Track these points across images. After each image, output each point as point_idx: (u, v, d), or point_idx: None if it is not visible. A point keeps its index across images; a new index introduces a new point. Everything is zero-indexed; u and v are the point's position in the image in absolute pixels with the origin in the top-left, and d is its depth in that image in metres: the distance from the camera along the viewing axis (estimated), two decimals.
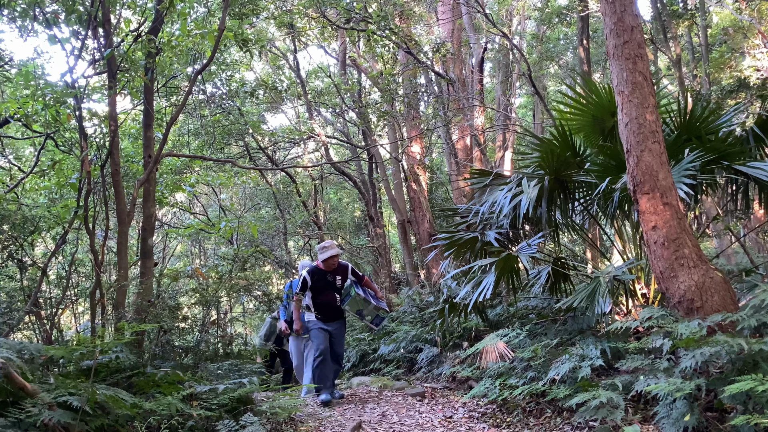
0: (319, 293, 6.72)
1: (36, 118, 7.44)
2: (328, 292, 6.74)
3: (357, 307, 6.74)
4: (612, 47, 5.22)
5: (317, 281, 6.70)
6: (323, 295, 6.73)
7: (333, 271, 6.76)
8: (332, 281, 6.75)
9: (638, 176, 4.94)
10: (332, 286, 6.76)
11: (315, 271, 6.74)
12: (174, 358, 6.86)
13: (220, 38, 6.94)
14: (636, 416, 4.37)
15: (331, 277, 6.75)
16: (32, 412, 3.61)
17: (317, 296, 6.73)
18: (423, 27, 16.60)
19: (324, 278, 6.72)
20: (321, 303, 6.74)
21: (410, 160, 14.32)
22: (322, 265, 6.70)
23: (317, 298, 6.73)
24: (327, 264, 6.66)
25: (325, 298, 6.73)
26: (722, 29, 16.19)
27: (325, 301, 6.73)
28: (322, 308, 6.74)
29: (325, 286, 6.72)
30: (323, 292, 6.72)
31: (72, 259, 7.61)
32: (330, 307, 6.75)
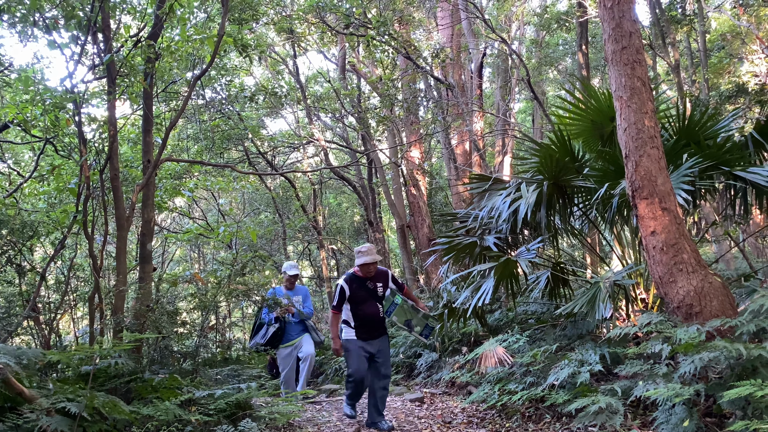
0: (360, 304, 5.69)
1: (35, 123, 7.44)
2: (370, 303, 5.71)
3: (405, 316, 5.71)
4: (610, 53, 5.24)
5: (356, 290, 5.69)
6: (365, 307, 5.69)
7: (372, 278, 5.77)
8: (373, 289, 5.75)
9: (637, 181, 4.95)
10: (374, 295, 5.74)
11: (353, 278, 5.74)
12: (172, 363, 6.84)
13: (219, 43, 6.94)
14: (635, 421, 4.36)
15: (371, 284, 5.75)
16: (30, 417, 3.60)
17: (358, 308, 5.69)
18: (422, 32, 16.63)
19: (363, 286, 5.72)
20: (363, 316, 5.69)
21: (409, 164, 14.33)
22: (359, 271, 5.73)
23: (358, 310, 5.69)
24: (365, 270, 5.69)
25: (368, 309, 5.69)
26: (721, 35, 16.25)
27: (367, 313, 5.69)
28: (365, 322, 5.68)
29: (366, 295, 5.71)
30: (365, 303, 5.69)
31: (71, 264, 7.61)
32: (373, 320, 5.71)
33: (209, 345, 8.10)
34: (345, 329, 5.73)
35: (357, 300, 5.69)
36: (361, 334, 5.66)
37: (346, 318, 5.72)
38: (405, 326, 5.74)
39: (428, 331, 5.79)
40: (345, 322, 5.73)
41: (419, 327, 5.75)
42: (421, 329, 5.75)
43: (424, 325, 5.75)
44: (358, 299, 5.69)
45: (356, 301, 5.69)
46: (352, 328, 5.68)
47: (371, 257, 5.64)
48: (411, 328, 5.75)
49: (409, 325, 5.74)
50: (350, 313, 5.70)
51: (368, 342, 5.66)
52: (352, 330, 5.67)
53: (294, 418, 5.74)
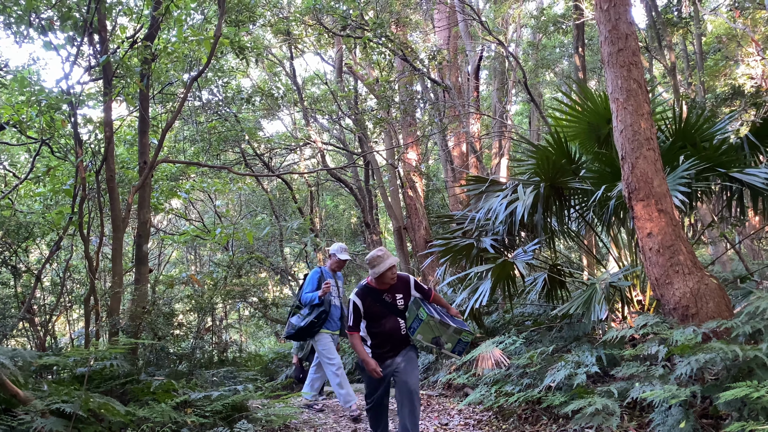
0: (376, 321, 4.79)
1: (31, 125, 7.41)
2: (388, 318, 4.78)
3: (432, 334, 4.70)
4: (607, 55, 5.25)
5: (371, 305, 4.76)
6: (382, 323, 4.78)
7: (390, 288, 4.81)
8: (391, 302, 4.79)
9: (633, 183, 4.96)
10: (393, 309, 4.79)
11: (366, 291, 4.80)
12: (168, 365, 6.83)
13: (216, 45, 6.94)
14: (632, 423, 4.36)
15: (389, 297, 4.79)
16: (25, 419, 3.59)
17: (374, 325, 4.80)
18: (419, 34, 16.65)
19: (380, 300, 4.78)
20: (380, 333, 4.78)
21: (406, 166, 14.33)
22: (374, 282, 4.79)
23: (374, 327, 4.79)
24: (382, 281, 4.74)
25: (386, 326, 4.77)
26: (716, 38, 16.30)
27: (385, 330, 4.77)
28: (383, 340, 4.80)
29: (383, 310, 4.79)
30: (382, 319, 4.79)
31: (66, 266, 7.58)
32: (393, 337, 4.79)
33: (205, 347, 8.08)
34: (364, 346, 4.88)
35: (372, 316, 4.78)
36: (378, 350, 4.80)
37: (361, 335, 4.84)
38: (433, 344, 4.75)
39: (462, 347, 4.77)
40: (363, 339, 4.86)
41: (450, 343, 4.73)
42: (453, 345, 4.73)
43: (457, 341, 4.71)
44: (373, 315, 4.78)
45: (372, 318, 4.79)
46: (368, 346, 4.83)
47: (389, 262, 4.71)
48: (440, 345, 4.76)
49: (437, 343, 4.76)
50: (365, 329, 4.84)
51: (386, 362, 4.79)
52: (368, 349, 4.83)
53: (290, 420, 5.73)
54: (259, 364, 11.28)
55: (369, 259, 4.76)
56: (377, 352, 4.79)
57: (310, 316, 6.42)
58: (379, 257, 4.73)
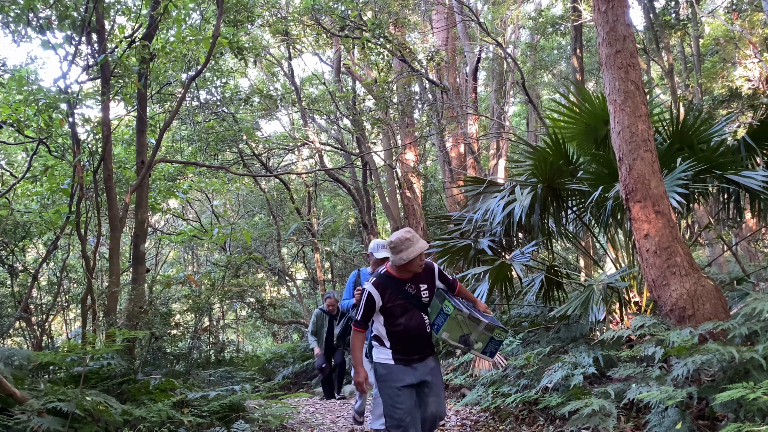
0: (398, 317, 3.93)
1: (28, 124, 7.41)
2: (412, 314, 3.94)
3: (461, 331, 3.93)
4: (604, 56, 5.26)
5: (392, 298, 3.92)
6: (405, 320, 3.93)
7: (414, 278, 3.98)
8: (415, 294, 3.96)
9: (630, 184, 4.97)
10: (417, 303, 3.96)
11: (386, 280, 3.95)
12: (165, 364, 6.83)
13: (214, 45, 6.94)
14: (628, 424, 4.37)
15: (413, 287, 3.96)
16: (21, 418, 3.58)
17: (395, 323, 3.93)
18: (417, 35, 16.67)
19: (401, 290, 3.94)
20: (403, 332, 3.93)
21: (404, 167, 14.34)
22: (394, 270, 3.96)
23: (395, 325, 3.93)
24: (409, 269, 3.91)
25: (410, 322, 3.93)
26: (714, 39, 16.34)
27: (409, 327, 3.93)
28: (408, 341, 3.94)
29: (406, 304, 3.94)
30: (404, 315, 3.93)
31: (63, 265, 7.58)
32: (418, 336, 3.96)
33: (202, 347, 8.08)
34: (377, 349, 4.01)
35: (393, 312, 3.93)
36: (400, 355, 3.92)
37: (377, 334, 4.00)
38: (461, 344, 3.96)
39: (494, 348, 3.97)
40: (376, 339, 4.01)
41: (481, 343, 3.94)
42: (484, 346, 3.95)
43: (488, 340, 3.93)
44: (394, 311, 3.92)
45: (392, 313, 3.93)
46: (386, 347, 3.94)
47: (419, 246, 3.84)
48: (469, 345, 3.96)
49: (466, 342, 3.96)
50: (383, 328, 3.96)
51: (412, 366, 3.93)
52: (387, 350, 3.93)
53: (287, 420, 5.73)
54: (256, 364, 11.28)
55: (394, 243, 3.84)
56: (401, 357, 3.90)
57: (343, 323, 5.69)
58: (407, 240, 3.83)
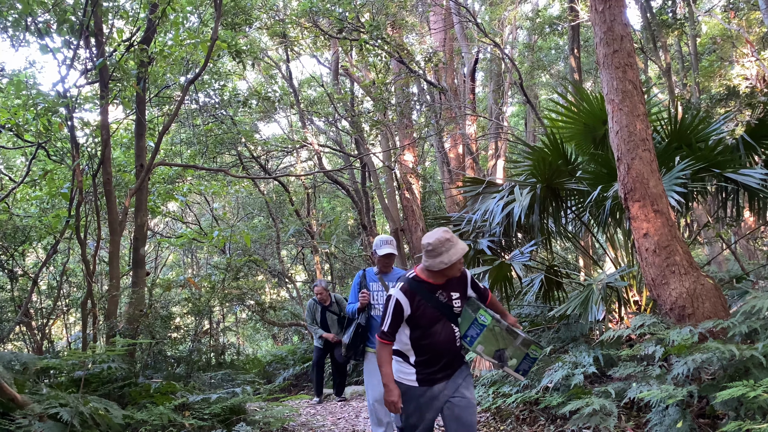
0: (427, 328, 3.42)
1: (27, 128, 7.42)
2: (443, 325, 3.44)
3: (497, 345, 3.53)
4: (602, 56, 5.27)
5: (422, 306, 3.39)
6: (435, 332, 3.42)
7: (446, 284, 3.48)
8: (446, 302, 3.46)
9: (629, 184, 4.98)
10: (448, 313, 3.46)
11: (415, 286, 3.42)
12: (166, 368, 6.83)
13: (212, 47, 6.95)
14: (629, 423, 4.37)
15: (444, 294, 3.46)
16: (22, 423, 3.58)
17: (422, 335, 3.42)
18: (415, 36, 16.68)
19: (432, 298, 3.42)
20: (432, 346, 3.42)
21: (403, 168, 14.35)
22: (426, 274, 3.45)
23: (423, 337, 3.41)
24: (448, 273, 3.42)
25: (440, 335, 3.43)
26: (711, 38, 16.37)
27: (439, 342, 3.42)
28: (436, 356, 3.44)
29: (435, 312, 3.42)
30: (434, 326, 3.42)
31: (63, 269, 7.57)
32: (448, 351, 3.46)
33: (203, 350, 8.08)
34: (399, 365, 3.48)
35: (422, 322, 3.40)
36: (426, 373, 3.42)
37: (399, 348, 3.47)
38: (495, 359, 3.54)
39: (528, 365, 3.56)
40: (398, 354, 3.48)
41: (515, 359, 3.53)
42: (518, 362, 3.53)
43: (523, 357, 3.54)
44: (424, 320, 3.40)
45: (421, 324, 3.40)
46: (410, 364, 3.44)
47: (461, 247, 3.37)
48: (503, 362, 3.54)
49: (500, 358, 3.54)
50: (408, 341, 3.44)
51: (437, 388, 3.43)
52: (411, 369, 3.44)
53: (288, 422, 5.73)
54: (256, 366, 11.29)
55: (433, 245, 3.34)
56: (426, 373, 3.41)
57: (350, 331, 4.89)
58: (448, 240, 3.34)
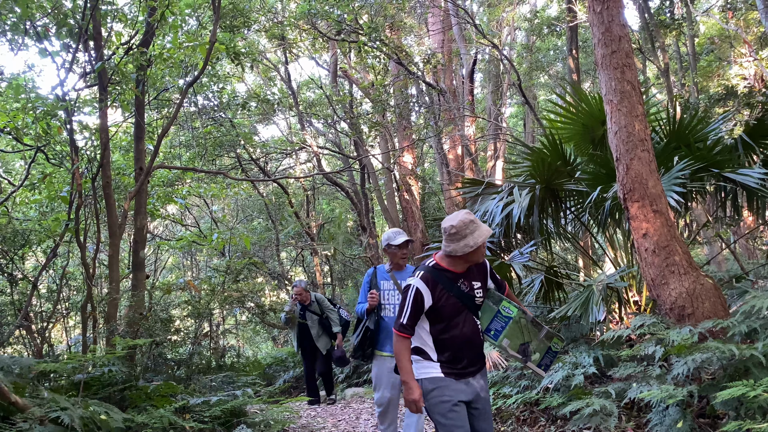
0: (448, 321, 3.20)
1: (26, 132, 7.41)
2: (465, 317, 3.23)
3: (522, 339, 3.32)
4: (600, 57, 5.28)
5: (443, 296, 3.18)
6: (457, 324, 3.21)
7: (468, 273, 3.27)
8: (468, 292, 3.25)
9: (628, 184, 4.98)
10: (470, 303, 3.25)
11: (436, 275, 3.21)
12: (166, 370, 6.82)
13: (211, 50, 6.95)
14: (629, 423, 4.37)
15: (466, 284, 3.25)
16: (23, 427, 3.58)
17: (444, 328, 3.20)
18: (414, 38, 16.70)
19: (454, 287, 3.21)
20: (454, 340, 3.21)
21: (402, 170, 14.36)
22: (446, 263, 3.23)
23: (444, 331, 3.20)
24: (472, 259, 3.21)
25: (462, 329, 3.21)
26: (709, 39, 16.39)
27: (462, 335, 3.21)
28: (460, 351, 3.22)
29: (457, 303, 3.20)
30: (455, 318, 3.20)
31: (63, 273, 7.57)
32: (471, 345, 3.25)
33: (203, 352, 8.07)
34: (419, 364, 3.23)
35: (444, 313, 3.17)
36: (453, 369, 3.19)
37: (418, 344, 3.23)
38: (519, 354, 3.31)
39: (550, 359, 3.39)
40: (417, 352, 3.23)
41: (539, 353, 3.36)
42: (541, 357, 3.36)
43: (546, 350, 3.36)
44: (446, 312, 3.18)
45: (442, 316, 3.18)
46: (432, 361, 3.20)
47: (485, 230, 3.16)
48: (527, 356, 3.32)
49: (525, 353, 3.31)
50: (428, 336, 3.22)
51: (464, 382, 3.20)
52: (434, 364, 3.19)
53: (289, 425, 5.73)
54: (256, 369, 11.28)
55: (457, 227, 3.11)
56: (452, 371, 3.16)
57: (359, 333, 4.55)
58: (472, 222, 3.12)
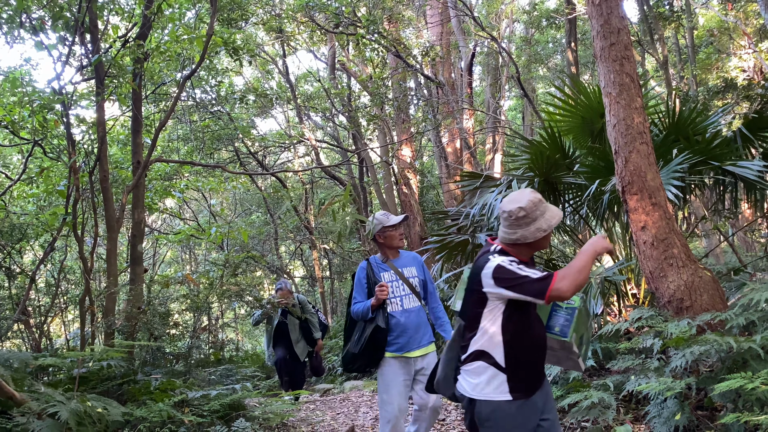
0: (523, 316, 2.69)
1: (23, 125, 7.38)
2: (533, 310, 2.78)
3: (582, 332, 2.97)
4: (599, 49, 5.25)
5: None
6: (532, 326, 2.75)
7: (528, 264, 2.74)
8: None
9: (627, 177, 4.97)
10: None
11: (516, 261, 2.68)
12: (165, 364, 6.82)
13: (208, 43, 6.92)
14: (627, 416, 4.38)
15: None
16: (20, 421, 3.58)
17: (519, 325, 2.67)
18: (412, 31, 16.64)
19: None
20: (530, 347, 2.72)
21: (401, 163, 14.34)
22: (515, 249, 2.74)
23: (519, 329, 2.67)
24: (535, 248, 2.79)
25: (536, 330, 2.76)
26: (708, 31, 16.35)
27: (537, 338, 2.77)
28: (534, 360, 2.74)
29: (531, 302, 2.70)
30: (529, 312, 2.73)
31: (61, 267, 7.56)
32: (542, 347, 2.81)
33: (202, 346, 8.07)
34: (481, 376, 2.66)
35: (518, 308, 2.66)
36: (522, 381, 2.66)
37: (482, 348, 2.67)
38: (577, 348, 2.93)
39: (588, 351, 3.12)
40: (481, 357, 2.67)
41: (585, 346, 3.02)
42: (585, 349, 3.04)
43: (588, 343, 3.09)
44: (519, 307, 2.66)
45: (517, 311, 2.66)
46: (500, 371, 2.63)
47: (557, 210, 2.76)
48: (579, 350, 2.96)
49: (580, 344, 2.96)
50: (499, 335, 2.64)
51: (536, 396, 2.70)
52: (501, 377, 2.63)
53: (288, 418, 5.74)
54: (255, 362, 11.30)
55: (526, 208, 2.66)
56: (522, 386, 2.64)
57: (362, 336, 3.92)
58: (540, 201, 2.71)
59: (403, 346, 3.89)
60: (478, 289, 2.68)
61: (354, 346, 3.93)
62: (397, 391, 3.83)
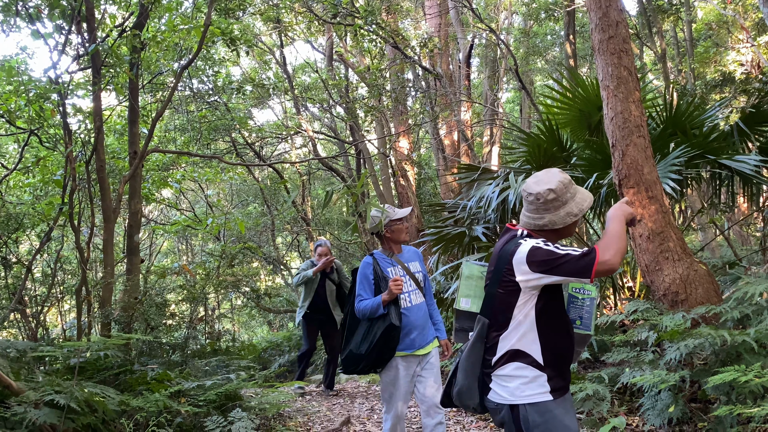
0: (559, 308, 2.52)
1: (19, 115, 7.35)
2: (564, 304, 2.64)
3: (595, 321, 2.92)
4: (597, 42, 5.25)
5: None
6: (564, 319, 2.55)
7: None
8: None
9: (623, 170, 4.98)
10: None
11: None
12: (161, 355, 6.83)
13: (206, 33, 6.89)
14: (622, 408, 4.41)
15: None
16: (18, 410, 3.59)
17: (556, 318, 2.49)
18: (410, 22, 16.58)
19: None
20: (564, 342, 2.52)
21: (398, 155, 14.32)
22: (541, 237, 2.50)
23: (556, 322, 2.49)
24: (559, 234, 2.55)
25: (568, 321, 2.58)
26: (707, 24, 16.34)
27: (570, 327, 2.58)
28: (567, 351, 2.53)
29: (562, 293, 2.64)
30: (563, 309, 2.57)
31: (57, 257, 7.54)
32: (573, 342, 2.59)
33: (198, 336, 8.08)
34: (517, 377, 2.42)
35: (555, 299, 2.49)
36: (558, 379, 2.46)
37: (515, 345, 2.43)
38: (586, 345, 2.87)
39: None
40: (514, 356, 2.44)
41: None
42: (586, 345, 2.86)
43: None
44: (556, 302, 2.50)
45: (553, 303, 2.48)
46: (537, 369, 2.42)
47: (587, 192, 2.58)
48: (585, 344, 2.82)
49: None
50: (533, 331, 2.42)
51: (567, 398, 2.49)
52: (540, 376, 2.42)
53: (284, 408, 5.76)
54: (252, 353, 11.32)
55: (556, 190, 2.45)
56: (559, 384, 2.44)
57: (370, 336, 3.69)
58: (570, 183, 2.51)
59: (413, 343, 3.73)
60: (509, 279, 2.39)
61: (358, 346, 3.70)
62: (402, 393, 3.71)
